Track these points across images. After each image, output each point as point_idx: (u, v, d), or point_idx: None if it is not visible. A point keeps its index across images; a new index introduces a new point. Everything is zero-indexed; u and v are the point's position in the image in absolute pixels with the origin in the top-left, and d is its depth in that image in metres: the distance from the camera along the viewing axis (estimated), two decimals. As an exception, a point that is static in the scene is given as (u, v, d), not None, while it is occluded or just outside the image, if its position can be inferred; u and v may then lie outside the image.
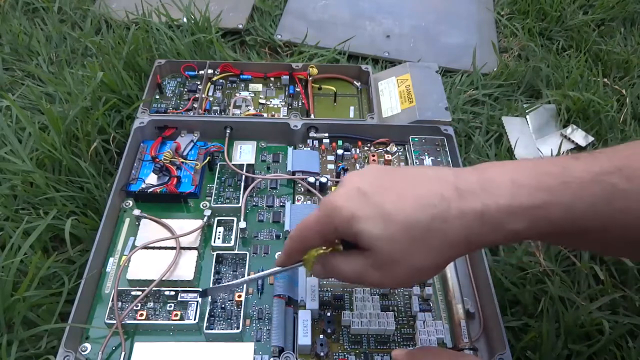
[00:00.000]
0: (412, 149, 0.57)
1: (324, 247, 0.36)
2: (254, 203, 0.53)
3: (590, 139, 0.66)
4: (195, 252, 0.47)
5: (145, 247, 0.46)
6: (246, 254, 0.47)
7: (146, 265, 0.45)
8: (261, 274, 0.41)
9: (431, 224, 0.30)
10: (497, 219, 0.29)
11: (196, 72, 0.65)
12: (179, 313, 0.43)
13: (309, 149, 0.57)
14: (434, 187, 0.31)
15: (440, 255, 0.31)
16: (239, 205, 0.51)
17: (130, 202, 0.52)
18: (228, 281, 0.46)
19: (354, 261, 0.34)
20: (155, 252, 0.46)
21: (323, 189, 0.53)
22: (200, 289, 0.44)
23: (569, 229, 0.29)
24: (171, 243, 0.47)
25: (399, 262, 0.31)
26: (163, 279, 0.44)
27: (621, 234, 0.29)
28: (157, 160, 0.54)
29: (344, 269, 0.34)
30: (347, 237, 0.33)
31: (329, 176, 0.53)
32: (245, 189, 0.52)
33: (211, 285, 0.45)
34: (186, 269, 0.45)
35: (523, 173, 0.30)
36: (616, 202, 0.28)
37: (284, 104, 0.63)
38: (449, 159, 0.56)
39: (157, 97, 0.63)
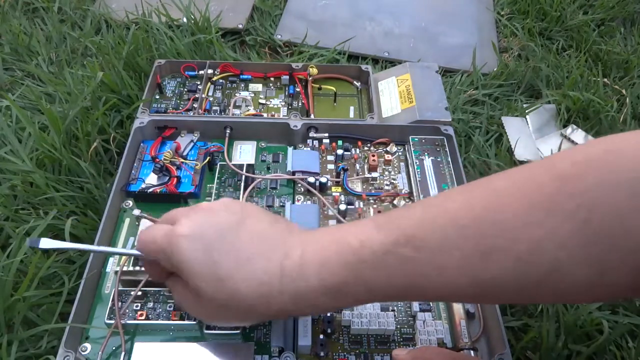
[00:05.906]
0: (412, 149, 0.57)
1: None
2: (254, 203, 0.53)
3: (590, 139, 0.66)
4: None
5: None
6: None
7: (146, 265, 0.45)
8: (109, 250, 0.45)
9: (255, 301, 0.33)
10: (308, 297, 0.33)
11: (196, 72, 0.65)
12: (179, 313, 0.43)
13: (308, 149, 0.57)
14: (265, 264, 0.33)
15: (256, 320, 0.39)
16: (239, 205, 0.51)
17: (130, 202, 0.52)
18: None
19: (184, 291, 0.36)
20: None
21: (323, 189, 0.53)
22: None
23: (373, 297, 0.34)
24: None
25: (216, 316, 0.36)
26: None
27: (422, 293, 0.33)
28: (157, 160, 0.54)
29: (177, 296, 0.37)
30: (176, 271, 0.35)
31: (328, 176, 0.53)
32: (245, 189, 0.52)
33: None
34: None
35: (330, 250, 0.33)
36: (408, 270, 0.31)
37: (284, 104, 0.63)
38: (449, 159, 0.56)
39: (157, 97, 0.63)
